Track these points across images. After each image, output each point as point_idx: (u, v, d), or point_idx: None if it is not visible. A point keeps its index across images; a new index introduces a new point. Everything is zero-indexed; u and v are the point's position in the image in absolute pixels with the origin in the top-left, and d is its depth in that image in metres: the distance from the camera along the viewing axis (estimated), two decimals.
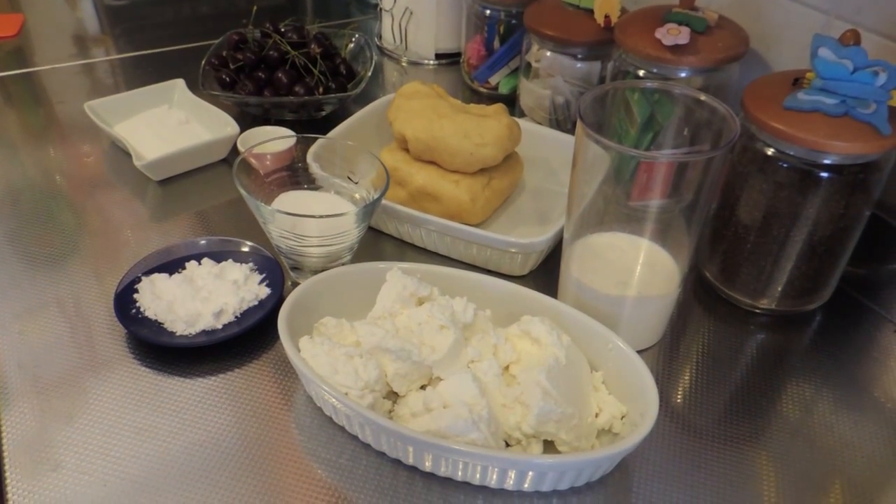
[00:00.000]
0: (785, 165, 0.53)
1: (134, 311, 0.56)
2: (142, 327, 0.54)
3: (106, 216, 0.68)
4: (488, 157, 0.64)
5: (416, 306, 0.52)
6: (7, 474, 0.46)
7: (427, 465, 0.46)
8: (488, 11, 0.86)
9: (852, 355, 0.58)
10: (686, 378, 0.55)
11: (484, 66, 0.89)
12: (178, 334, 0.54)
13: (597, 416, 0.49)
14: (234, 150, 0.75)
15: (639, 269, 0.53)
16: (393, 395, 0.50)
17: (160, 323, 0.55)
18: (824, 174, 0.52)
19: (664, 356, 0.57)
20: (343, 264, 0.58)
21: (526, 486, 0.45)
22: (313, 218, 0.54)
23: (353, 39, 0.90)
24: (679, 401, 0.53)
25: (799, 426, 0.52)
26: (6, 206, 0.69)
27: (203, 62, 0.83)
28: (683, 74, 0.64)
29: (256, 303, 0.57)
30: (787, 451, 0.50)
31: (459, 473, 0.46)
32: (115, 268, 0.61)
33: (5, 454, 0.47)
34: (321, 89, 0.81)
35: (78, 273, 0.61)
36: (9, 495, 0.45)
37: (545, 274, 0.63)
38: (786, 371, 0.56)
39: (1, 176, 0.73)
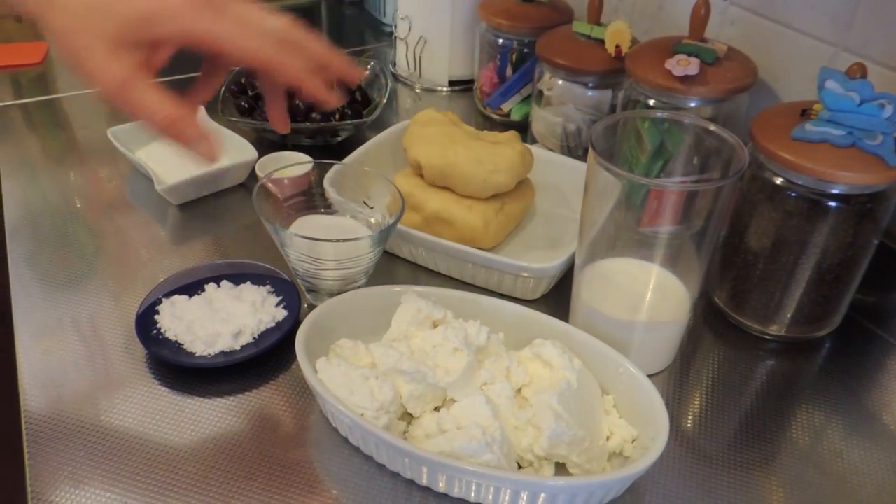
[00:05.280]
0: (793, 195, 0.54)
1: (154, 331, 0.57)
2: (162, 348, 0.55)
3: (126, 239, 0.70)
4: (501, 183, 0.65)
5: (430, 329, 0.53)
6: (30, 491, 0.47)
7: (441, 486, 0.47)
8: (501, 40, 0.88)
9: (862, 382, 0.58)
10: (696, 403, 0.56)
11: (496, 94, 0.91)
12: (197, 355, 0.55)
13: (608, 439, 0.49)
14: (253, 175, 0.76)
15: (649, 294, 0.54)
16: (407, 417, 0.51)
17: (180, 344, 0.56)
18: (832, 203, 0.53)
19: (674, 381, 0.57)
20: (358, 287, 0.60)
21: None
22: (330, 242, 0.55)
23: (369, 67, 0.92)
24: (689, 425, 0.54)
25: (809, 452, 0.52)
26: (27, 230, 0.70)
27: (222, 89, 0.85)
28: (693, 104, 0.66)
29: (274, 324, 0.58)
30: (797, 478, 0.50)
31: (472, 494, 0.46)
32: (134, 290, 0.63)
33: (28, 471, 0.48)
34: (337, 115, 0.82)
35: (98, 295, 0.63)
36: None
37: (557, 298, 0.64)
38: (795, 397, 0.57)
39: (21, 200, 0.74)
